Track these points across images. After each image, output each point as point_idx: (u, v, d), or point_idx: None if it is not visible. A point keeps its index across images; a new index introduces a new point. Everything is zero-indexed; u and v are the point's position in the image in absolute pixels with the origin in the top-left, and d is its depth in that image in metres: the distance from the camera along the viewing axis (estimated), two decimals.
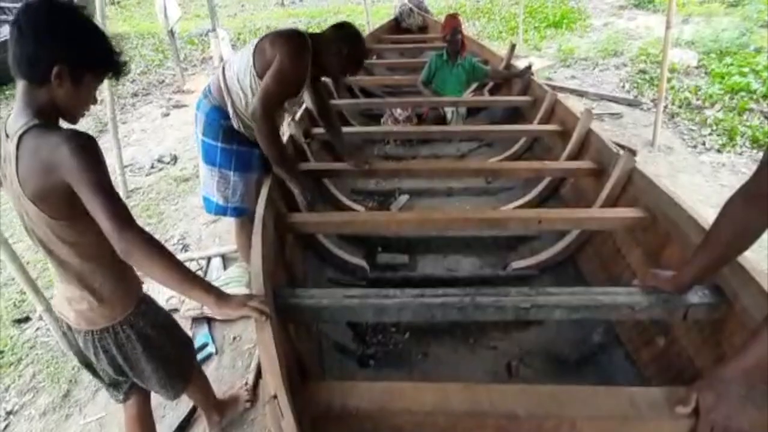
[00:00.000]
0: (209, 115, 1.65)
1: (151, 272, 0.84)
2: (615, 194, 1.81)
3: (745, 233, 0.98)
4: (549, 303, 1.19)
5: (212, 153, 1.67)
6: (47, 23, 0.79)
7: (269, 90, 1.49)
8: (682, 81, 4.09)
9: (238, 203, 1.74)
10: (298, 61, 1.51)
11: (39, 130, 0.79)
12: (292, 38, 1.53)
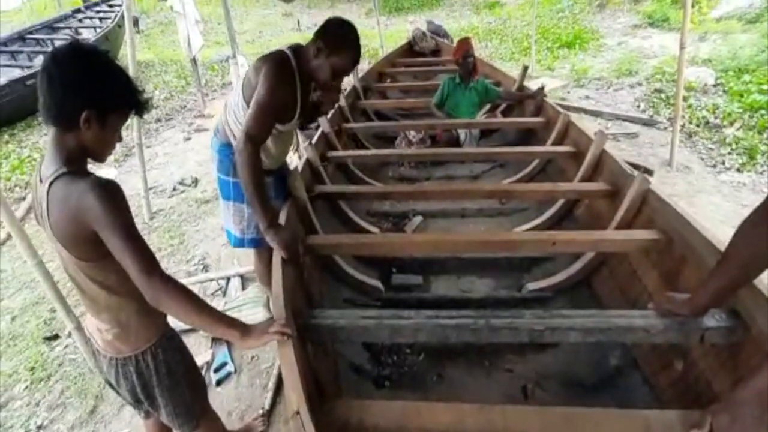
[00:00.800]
0: (220, 152, 1.63)
1: (177, 314, 0.90)
2: (630, 216, 1.80)
3: (761, 255, 0.98)
4: (563, 325, 1.20)
5: (226, 188, 1.66)
6: (74, 71, 0.83)
7: (249, 120, 1.39)
8: (699, 99, 4.06)
9: (254, 234, 1.70)
10: (275, 83, 1.38)
11: (68, 177, 0.83)
12: (270, 59, 1.42)
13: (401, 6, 11.84)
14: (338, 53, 1.42)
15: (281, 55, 1.44)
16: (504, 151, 2.95)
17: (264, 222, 1.41)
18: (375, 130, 3.73)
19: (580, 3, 8.32)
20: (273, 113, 1.42)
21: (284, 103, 1.45)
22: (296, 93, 1.48)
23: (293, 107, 1.52)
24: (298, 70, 1.45)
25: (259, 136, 1.41)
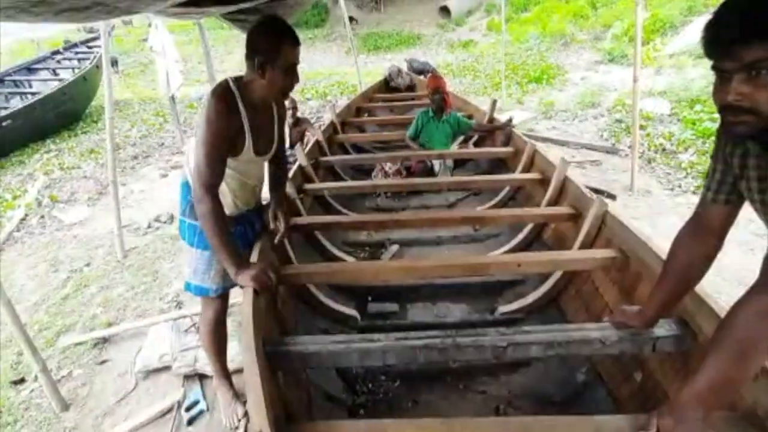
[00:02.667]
0: (182, 190, 1.56)
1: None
2: (591, 236, 1.91)
3: (693, 265, 1.07)
4: (526, 341, 1.25)
5: (182, 228, 1.57)
6: None
7: (196, 165, 1.29)
8: (656, 128, 4.35)
9: (198, 282, 1.57)
10: (212, 114, 1.28)
11: None
12: (210, 92, 1.33)
13: (379, 45, 12.42)
14: (278, 53, 1.30)
15: (220, 84, 1.35)
16: (476, 180, 3.08)
17: (233, 269, 1.36)
18: (352, 162, 3.84)
19: (547, 41, 8.93)
20: (217, 148, 1.30)
21: (228, 133, 1.32)
22: (242, 122, 1.37)
23: (241, 137, 1.39)
24: (242, 96, 1.36)
25: (211, 177, 1.30)
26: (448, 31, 12.48)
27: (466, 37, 11.63)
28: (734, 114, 0.77)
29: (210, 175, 1.29)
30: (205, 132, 1.28)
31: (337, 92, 8.11)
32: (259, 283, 1.38)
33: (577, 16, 9.31)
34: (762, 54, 0.70)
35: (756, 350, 0.79)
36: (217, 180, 1.33)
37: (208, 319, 1.66)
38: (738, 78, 0.74)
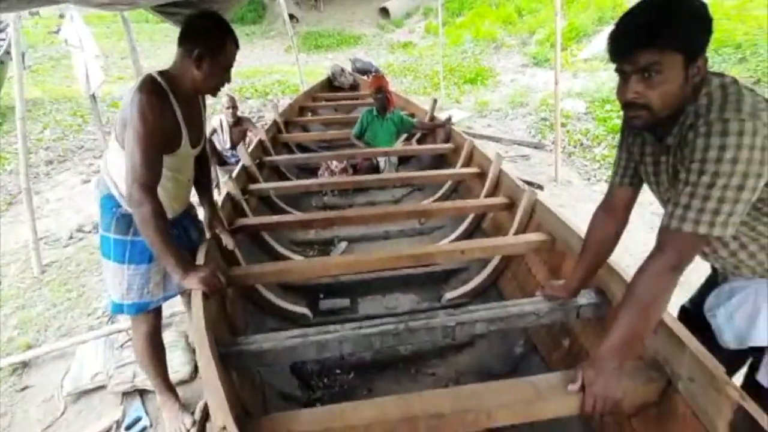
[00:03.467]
0: (102, 205, 1.44)
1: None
2: (524, 223, 2.10)
3: (606, 240, 1.25)
4: (471, 319, 1.36)
5: (105, 245, 1.45)
6: None
7: (132, 165, 1.22)
8: (575, 125, 4.83)
9: (135, 299, 1.48)
10: (146, 109, 1.21)
11: None
12: (135, 88, 1.26)
13: (320, 44, 12.31)
14: (222, 49, 1.29)
15: (146, 79, 1.28)
16: (420, 175, 3.21)
17: (179, 272, 1.31)
18: (297, 162, 3.81)
19: (480, 45, 9.45)
20: (154, 146, 1.24)
21: (164, 129, 1.28)
22: (176, 115, 1.33)
23: (177, 131, 1.36)
24: (173, 90, 1.31)
25: (149, 176, 1.23)
26: (388, 32, 12.71)
27: (405, 38, 11.93)
28: (633, 110, 0.93)
29: (149, 175, 1.23)
30: (139, 130, 1.21)
31: (278, 91, 7.92)
32: (208, 285, 1.34)
33: (506, 22, 9.95)
34: (652, 58, 0.86)
35: (655, 306, 0.95)
36: (156, 179, 1.27)
37: (144, 334, 1.57)
38: (635, 78, 0.89)
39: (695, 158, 0.86)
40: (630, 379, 1.07)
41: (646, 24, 0.86)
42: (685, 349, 1.03)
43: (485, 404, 1.02)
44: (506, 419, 1.03)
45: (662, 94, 0.88)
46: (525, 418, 1.04)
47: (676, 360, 1.06)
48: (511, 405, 1.03)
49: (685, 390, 1.03)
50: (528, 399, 1.03)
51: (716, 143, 0.83)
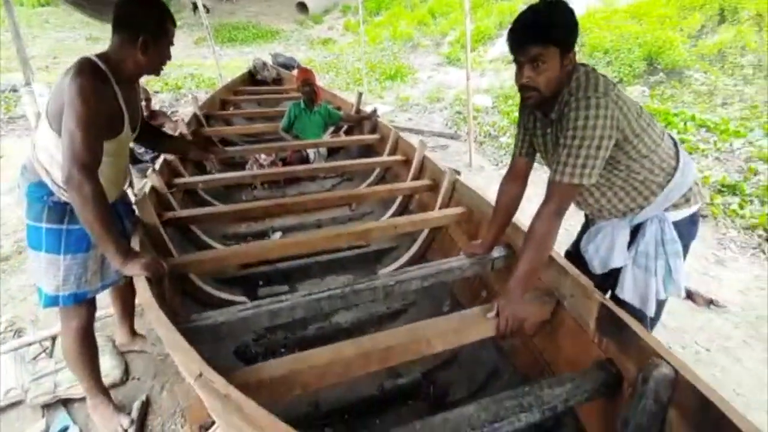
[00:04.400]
0: (29, 194, 1.37)
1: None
2: (446, 200, 2.38)
3: (511, 202, 1.54)
4: (408, 278, 1.58)
5: (36, 236, 1.38)
6: None
7: (72, 146, 1.19)
8: (485, 118, 5.40)
9: (73, 289, 1.44)
10: (87, 91, 1.20)
11: None
12: (73, 70, 1.23)
13: (235, 37, 11.77)
14: (165, 31, 1.32)
15: (85, 62, 1.26)
16: (349, 164, 3.36)
17: (119, 257, 1.29)
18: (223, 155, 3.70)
19: (398, 44, 9.88)
20: (97, 127, 1.24)
21: (106, 112, 1.28)
22: (117, 98, 1.32)
23: (119, 115, 1.35)
24: (114, 74, 1.30)
25: (91, 158, 1.22)
26: (308, 28, 12.60)
27: (325, 35, 11.95)
28: (526, 91, 1.22)
29: (90, 157, 1.21)
30: (80, 112, 1.19)
31: (192, 85, 7.47)
32: (151, 270, 1.35)
33: (421, 23, 10.53)
34: (538, 51, 1.14)
35: (546, 243, 1.25)
36: (96, 162, 1.25)
37: (75, 330, 1.50)
38: (527, 67, 1.18)
39: (569, 127, 1.16)
40: (531, 304, 1.38)
41: (533, 25, 1.15)
42: (567, 275, 1.36)
43: (425, 335, 1.24)
44: (442, 345, 1.26)
45: (546, 78, 1.18)
46: (456, 343, 1.28)
47: (562, 285, 1.38)
48: (445, 334, 1.26)
49: (569, 305, 1.35)
50: (457, 328, 1.27)
51: (582, 115, 1.14)
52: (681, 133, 4.07)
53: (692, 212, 1.32)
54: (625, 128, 1.16)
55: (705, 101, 4.80)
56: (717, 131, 4.00)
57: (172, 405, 1.87)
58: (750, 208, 3.03)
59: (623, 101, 1.16)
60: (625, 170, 1.26)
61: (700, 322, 2.20)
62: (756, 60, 5.14)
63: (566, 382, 1.08)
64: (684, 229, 1.30)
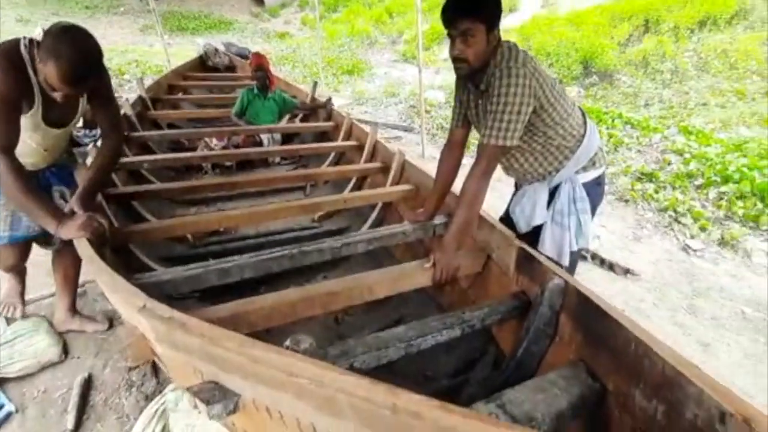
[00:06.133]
0: None
1: None
2: (396, 179, 2.49)
3: (450, 171, 1.68)
4: (354, 240, 1.66)
5: None
6: None
7: None
8: (437, 112, 5.62)
9: None
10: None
11: None
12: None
13: (184, 26, 11.30)
14: (48, 63, 1.21)
15: (6, 43, 1.27)
16: (304, 147, 3.39)
17: (52, 221, 1.29)
18: (170, 137, 3.57)
19: (356, 41, 9.97)
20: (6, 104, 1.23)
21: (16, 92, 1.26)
22: (29, 79, 1.30)
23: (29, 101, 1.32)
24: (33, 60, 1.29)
25: (4, 138, 1.23)
26: (264, 20, 12.36)
27: (282, 29, 11.79)
28: (458, 62, 1.35)
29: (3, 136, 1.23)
30: None
31: (137, 71, 7.10)
32: (89, 229, 1.32)
33: (378, 21, 10.70)
34: (468, 26, 1.27)
35: (477, 200, 1.39)
36: (10, 141, 1.25)
37: None
38: (458, 39, 1.31)
39: (494, 94, 1.31)
40: (464, 258, 1.52)
41: (463, 3, 1.28)
42: (495, 230, 1.51)
43: (367, 282, 1.33)
44: (382, 292, 1.36)
45: (475, 51, 1.31)
46: (396, 290, 1.39)
47: (491, 240, 1.54)
48: (386, 282, 1.36)
49: (496, 256, 1.51)
50: (397, 277, 1.38)
51: (505, 83, 1.28)
52: (610, 128, 4.50)
53: (598, 174, 1.52)
54: (540, 96, 1.33)
55: (631, 102, 5.33)
56: (639, 128, 4.46)
57: (116, 380, 1.86)
58: (663, 193, 3.43)
59: (539, 73, 1.33)
60: (543, 136, 1.43)
61: (618, 288, 2.48)
62: (673, 66, 5.78)
63: (484, 308, 1.24)
64: (591, 189, 1.50)
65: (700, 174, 3.49)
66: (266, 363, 0.64)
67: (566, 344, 1.11)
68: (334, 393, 0.55)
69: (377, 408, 0.51)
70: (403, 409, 0.49)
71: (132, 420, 1.70)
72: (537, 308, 1.08)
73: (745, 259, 2.74)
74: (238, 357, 0.68)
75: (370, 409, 0.52)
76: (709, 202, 3.25)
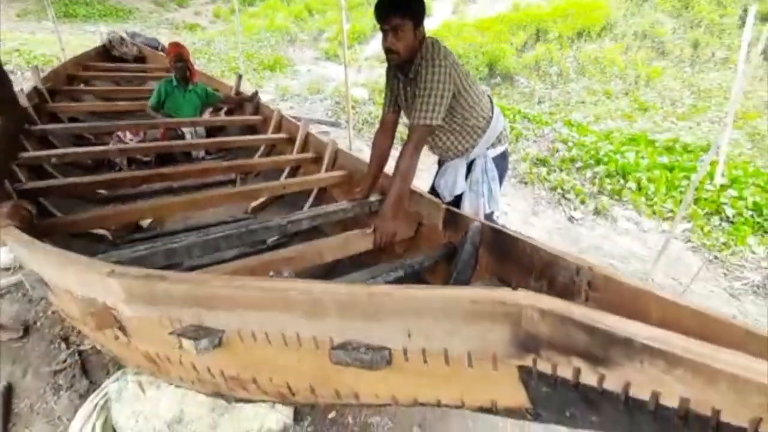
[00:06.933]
0: None
1: None
2: (330, 165, 2.64)
3: (383, 153, 1.89)
4: (298, 218, 1.81)
5: None
6: None
7: None
8: (362, 108, 5.88)
9: None
10: None
11: None
12: None
13: (74, 13, 10.06)
14: None
15: None
16: (232, 140, 3.32)
17: None
18: (78, 131, 3.24)
19: (275, 36, 9.77)
20: None
21: None
22: None
23: None
24: None
25: None
26: (170, 10, 11.47)
27: (191, 20, 11.07)
28: (390, 54, 1.59)
29: None
30: None
31: (21, 61, 6.21)
32: (16, 216, 1.29)
33: (298, 18, 10.62)
34: (398, 21, 1.50)
35: (409, 173, 1.62)
36: None
37: None
38: (390, 34, 1.54)
39: (421, 81, 1.56)
40: (400, 224, 1.75)
41: (394, 1, 1.51)
42: (424, 199, 1.78)
43: (316, 248, 1.50)
44: (330, 256, 1.54)
45: (404, 44, 1.55)
46: (342, 254, 1.58)
47: (422, 208, 1.80)
48: (333, 247, 1.54)
49: (426, 221, 1.77)
50: (342, 244, 1.57)
51: (430, 71, 1.53)
52: (512, 122, 5.16)
53: (503, 150, 1.86)
54: (458, 83, 1.61)
55: (527, 100, 6.14)
56: (534, 122, 5.19)
57: (40, 386, 1.79)
58: (554, 175, 4.08)
59: (457, 64, 1.61)
60: (460, 118, 1.72)
61: None
62: (558, 70, 6.77)
63: (421, 256, 1.50)
64: (499, 162, 1.84)
65: (580, 158, 4.23)
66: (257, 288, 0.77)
67: (484, 269, 1.42)
68: (320, 296, 0.71)
69: (356, 297, 0.68)
70: (378, 293, 0.67)
71: (65, 421, 1.66)
72: (462, 247, 1.35)
73: (612, 224, 3.43)
74: (229, 290, 0.80)
75: (350, 300, 0.69)
76: (587, 181, 3.96)
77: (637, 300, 0.82)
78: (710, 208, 3.41)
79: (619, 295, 0.90)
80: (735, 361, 0.40)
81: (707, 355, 0.42)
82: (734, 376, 0.39)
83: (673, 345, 0.44)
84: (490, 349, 0.60)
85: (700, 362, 0.41)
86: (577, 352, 0.51)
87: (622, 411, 0.50)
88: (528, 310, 0.55)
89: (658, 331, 0.46)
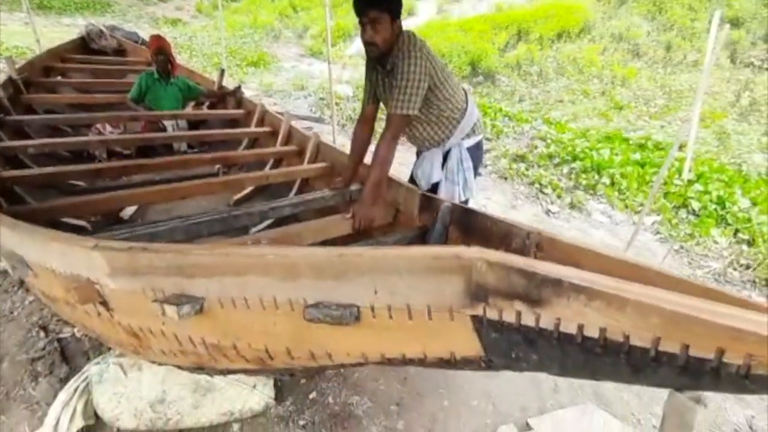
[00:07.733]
0: None
1: None
2: (312, 157, 2.69)
3: (363, 144, 1.96)
4: (280, 205, 1.85)
5: None
6: None
7: None
8: (346, 105, 5.92)
9: None
10: None
11: None
12: None
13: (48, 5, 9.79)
14: None
15: None
16: (214, 133, 3.34)
17: None
18: (55, 122, 3.19)
19: (259, 33, 9.71)
20: None
21: None
22: None
23: None
24: None
25: None
26: (150, 4, 11.27)
27: (173, 15, 10.90)
28: (369, 46, 1.64)
29: None
30: None
31: None
32: None
33: (282, 15, 10.58)
34: (376, 15, 1.56)
35: (387, 161, 1.68)
36: None
37: None
38: (368, 27, 1.59)
39: (398, 72, 1.62)
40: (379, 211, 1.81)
41: None
42: (402, 187, 1.85)
43: (297, 232, 1.55)
44: (310, 239, 1.58)
45: (382, 37, 1.61)
46: (322, 237, 1.63)
47: (399, 196, 1.87)
48: (312, 231, 1.60)
49: (403, 207, 1.84)
50: (321, 228, 1.62)
51: (406, 63, 1.60)
52: (493, 120, 5.28)
53: (478, 140, 1.95)
54: (433, 75, 1.68)
55: (508, 98, 6.29)
56: (515, 119, 5.33)
57: (17, 373, 1.80)
58: (532, 171, 4.22)
59: (432, 57, 1.68)
60: (436, 109, 1.79)
61: None
62: (539, 70, 6.95)
63: (397, 236, 1.59)
64: (473, 152, 1.92)
65: (557, 155, 4.38)
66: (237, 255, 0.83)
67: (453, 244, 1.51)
68: (296, 260, 0.77)
69: (329, 258, 0.74)
70: (349, 254, 0.74)
71: (44, 406, 1.67)
72: (434, 227, 1.43)
73: (587, 217, 3.57)
74: (210, 258, 0.84)
75: (323, 261, 0.75)
76: (563, 176, 4.11)
77: (577, 255, 0.93)
78: (678, 202, 3.58)
79: (563, 252, 1.02)
80: (640, 291, 0.48)
81: (618, 288, 0.50)
82: (638, 302, 0.47)
83: (593, 282, 0.52)
84: (447, 300, 0.67)
85: (612, 294, 0.49)
86: (518, 295, 0.59)
87: (555, 346, 0.57)
88: (478, 262, 0.62)
89: (583, 272, 0.54)
